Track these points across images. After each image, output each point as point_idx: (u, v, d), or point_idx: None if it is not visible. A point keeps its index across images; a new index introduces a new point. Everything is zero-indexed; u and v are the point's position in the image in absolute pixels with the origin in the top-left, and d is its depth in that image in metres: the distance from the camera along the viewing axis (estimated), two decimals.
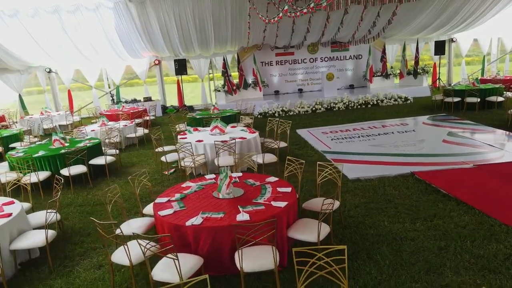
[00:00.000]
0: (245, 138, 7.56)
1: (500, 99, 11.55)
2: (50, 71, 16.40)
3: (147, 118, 13.22)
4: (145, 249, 3.44)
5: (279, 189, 4.69)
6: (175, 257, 3.36)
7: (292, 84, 17.15)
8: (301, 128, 11.28)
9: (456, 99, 11.85)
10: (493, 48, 18.68)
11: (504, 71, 18.24)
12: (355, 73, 17.39)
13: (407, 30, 15.64)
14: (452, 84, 18.09)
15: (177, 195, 4.71)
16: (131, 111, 13.33)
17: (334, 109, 14.12)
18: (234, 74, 16.74)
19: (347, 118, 12.19)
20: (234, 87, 15.80)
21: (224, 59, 15.62)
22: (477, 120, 10.48)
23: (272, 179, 5.09)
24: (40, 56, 14.31)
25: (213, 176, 5.40)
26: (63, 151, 7.33)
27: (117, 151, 8.39)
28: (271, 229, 3.55)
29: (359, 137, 9.85)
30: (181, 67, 15.59)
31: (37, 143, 8.41)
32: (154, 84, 18.78)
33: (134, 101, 16.14)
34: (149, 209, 4.98)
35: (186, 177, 7.30)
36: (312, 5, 7.41)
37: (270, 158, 7.17)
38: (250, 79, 16.34)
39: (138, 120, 12.40)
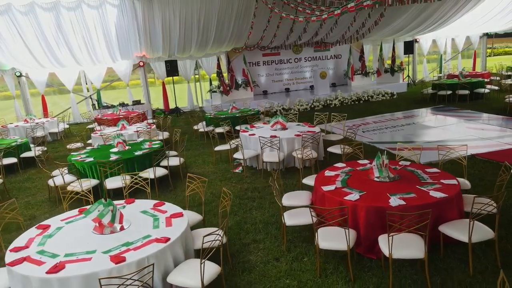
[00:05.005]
0: (314, 131, 7.73)
1: (487, 91, 13.02)
2: (20, 75, 14.93)
3: (153, 121, 12.79)
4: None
5: (427, 170, 5.01)
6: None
7: (279, 83, 17.50)
8: (318, 124, 11.65)
9: (449, 92, 13.11)
10: (448, 47, 20.83)
11: (457, 68, 20.40)
12: (336, 72, 18.25)
13: (385, 31, 16.82)
14: (416, 81, 19.84)
15: (338, 182, 4.79)
16: (132, 114, 12.72)
17: (331, 106, 14.75)
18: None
19: (353, 113, 12.81)
20: (227, 88, 15.74)
21: (218, 60, 15.50)
22: (474, 110, 11.71)
23: (406, 162, 5.39)
24: (23, 58, 12.99)
25: (343, 164, 5.53)
26: (137, 153, 6.90)
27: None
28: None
29: (386, 128, 10.49)
30: (172, 68, 15.12)
31: (87, 148, 7.76)
32: (135, 86, 17.94)
33: (123, 104, 15.31)
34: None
35: (261, 173, 7.31)
36: (367, 2, 7.83)
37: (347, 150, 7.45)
38: (240, 79, 16.38)
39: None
